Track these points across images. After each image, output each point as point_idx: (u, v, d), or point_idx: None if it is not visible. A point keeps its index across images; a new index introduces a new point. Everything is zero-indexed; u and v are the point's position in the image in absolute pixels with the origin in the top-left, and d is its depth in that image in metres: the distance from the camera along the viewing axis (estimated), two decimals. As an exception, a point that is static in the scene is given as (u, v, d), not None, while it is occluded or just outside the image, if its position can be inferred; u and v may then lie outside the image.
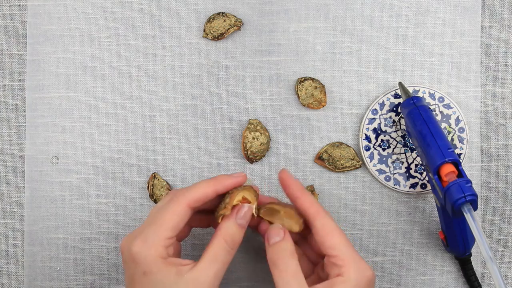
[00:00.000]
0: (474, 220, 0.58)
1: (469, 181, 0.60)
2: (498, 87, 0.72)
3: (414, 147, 0.69)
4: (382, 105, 0.70)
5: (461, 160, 0.70)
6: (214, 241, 0.58)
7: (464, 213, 0.59)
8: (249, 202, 0.60)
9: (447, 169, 0.61)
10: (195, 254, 0.71)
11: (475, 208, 0.60)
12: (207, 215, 0.63)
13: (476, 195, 0.59)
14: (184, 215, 0.58)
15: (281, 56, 0.72)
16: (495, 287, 0.69)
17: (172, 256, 0.58)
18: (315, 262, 0.63)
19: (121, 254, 0.59)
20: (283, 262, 0.57)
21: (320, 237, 0.58)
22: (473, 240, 0.66)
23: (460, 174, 0.61)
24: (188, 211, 0.58)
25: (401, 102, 0.69)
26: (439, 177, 0.61)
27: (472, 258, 0.70)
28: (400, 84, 0.68)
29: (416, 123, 0.64)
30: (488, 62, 0.72)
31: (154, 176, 0.70)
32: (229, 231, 0.58)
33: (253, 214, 0.60)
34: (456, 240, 0.65)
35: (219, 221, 0.59)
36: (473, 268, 0.69)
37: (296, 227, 0.61)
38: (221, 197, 0.61)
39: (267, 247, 0.59)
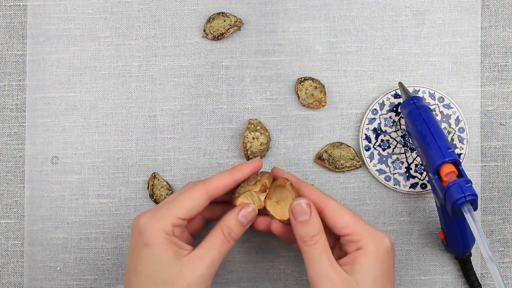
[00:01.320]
0: (474, 220, 0.58)
1: (469, 181, 0.60)
2: (498, 87, 0.72)
3: (414, 147, 0.69)
4: (382, 105, 0.70)
5: (461, 160, 0.70)
6: (213, 230, 0.60)
7: (464, 213, 0.59)
8: (267, 188, 0.63)
9: (447, 169, 0.61)
10: (195, 254, 0.71)
11: (475, 208, 0.60)
12: (223, 207, 0.65)
13: (476, 195, 0.59)
14: (200, 200, 0.60)
15: (281, 56, 0.72)
16: (495, 287, 0.69)
17: (179, 238, 0.60)
18: (332, 244, 0.64)
19: (131, 228, 0.61)
20: (312, 239, 0.59)
21: (330, 220, 0.60)
22: (473, 240, 0.66)
23: (460, 174, 0.61)
24: (204, 197, 0.60)
25: (401, 102, 0.69)
26: (439, 177, 0.61)
27: (472, 258, 0.70)
28: (400, 84, 0.68)
29: (416, 123, 0.64)
30: (488, 62, 0.72)
31: (154, 176, 0.70)
32: (228, 223, 0.60)
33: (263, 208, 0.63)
34: (456, 240, 0.65)
35: (235, 203, 0.62)
36: (473, 268, 0.69)
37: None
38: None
39: (294, 224, 0.60)
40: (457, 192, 0.59)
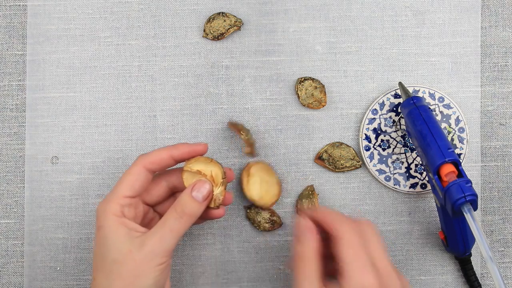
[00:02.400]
0: (474, 220, 0.58)
1: (469, 181, 0.60)
2: (498, 87, 0.72)
3: (414, 147, 0.69)
4: (382, 105, 0.70)
5: (461, 160, 0.70)
6: (168, 210, 0.60)
7: (464, 213, 0.59)
8: (214, 181, 0.61)
9: (447, 169, 0.61)
10: (195, 254, 0.71)
11: (475, 208, 0.60)
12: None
13: (476, 195, 0.59)
14: (139, 175, 0.61)
15: (281, 56, 0.72)
16: (495, 287, 0.69)
17: (133, 220, 0.61)
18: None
19: None
20: (302, 262, 0.58)
21: (334, 247, 0.58)
22: (473, 240, 0.66)
23: (460, 174, 0.61)
24: (143, 172, 0.61)
25: (401, 102, 0.69)
26: (439, 177, 0.61)
27: (472, 258, 0.70)
28: (400, 84, 0.68)
29: (416, 123, 0.64)
30: (488, 62, 0.72)
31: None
32: (181, 201, 0.60)
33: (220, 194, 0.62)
34: (456, 240, 0.65)
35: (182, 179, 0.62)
36: (473, 268, 0.69)
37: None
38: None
39: (295, 239, 0.59)
40: (457, 192, 0.59)
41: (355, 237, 0.57)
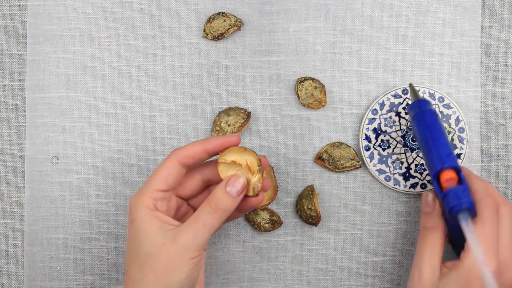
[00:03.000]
0: (469, 227, 0.58)
1: (466, 188, 0.60)
2: (498, 87, 0.72)
3: (418, 150, 0.69)
4: (382, 105, 0.70)
5: (461, 160, 0.70)
6: (201, 204, 0.60)
7: (459, 220, 0.59)
8: (250, 169, 0.61)
9: (447, 175, 0.60)
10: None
11: (474, 215, 0.60)
12: None
13: (472, 202, 0.59)
14: (173, 169, 0.60)
15: (281, 56, 0.72)
16: None
17: (166, 213, 0.61)
18: None
19: None
20: (426, 230, 0.62)
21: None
22: None
23: (461, 180, 0.61)
24: (177, 166, 0.61)
25: (413, 102, 0.68)
26: (439, 183, 0.61)
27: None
28: (411, 85, 0.68)
29: (420, 127, 0.64)
30: (488, 62, 0.72)
31: (154, 176, 0.70)
32: (215, 195, 0.60)
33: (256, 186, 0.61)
34: (459, 244, 0.65)
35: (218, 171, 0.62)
36: None
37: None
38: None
39: (422, 213, 0.63)
40: (454, 199, 0.59)
41: (489, 216, 0.59)
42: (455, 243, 0.66)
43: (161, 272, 0.58)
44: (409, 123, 0.68)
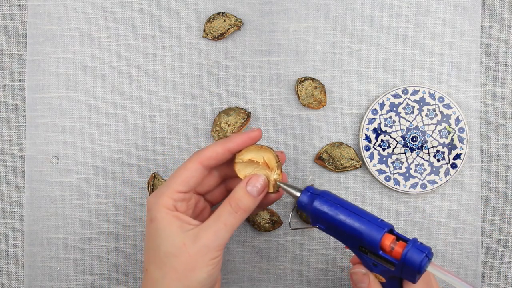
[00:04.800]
0: (442, 268, 0.56)
1: (415, 238, 0.56)
2: (498, 87, 0.72)
3: (341, 242, 0.60)
4: (382, 105, 0.70)
5: (461, 160, 0.70)
6: (222, 204, 0.60)
7: (431, 271, 0.56)
8: (268, 166, 0.61)
9: (389, 239, 0.56)
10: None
11: (431, 257, 0.56)
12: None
13: (429, 248, 0.56)
14: (195, 171, 0.60)
15: (281, 56, 0.72)
16: None
17: (186, 213, 0.60)
18: None
19: None
20: None
21: None
22: None
23: (398, 237, 0.56)
24: (200, 168, 0.60)
25: (296, 202, 0.60)
26: (384, 252, 0.56)
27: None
28: (281, 186, 0.60)
29: (330, 212, 0.57)
30: (488, 62, 0.72)
31: (154, 176, 0.70)
32: (236, 195, 0.59)
33: (274, 182, 0.60)
34: None
35: (235, 171, 0.61)
36: None
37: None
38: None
39: (353, 284, 0.61)
40: (417, 256, 0.54)
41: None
42: None
43: (182, 272, 0.57)
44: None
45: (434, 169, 0.70)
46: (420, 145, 0.70)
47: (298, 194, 0.59)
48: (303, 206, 0.59)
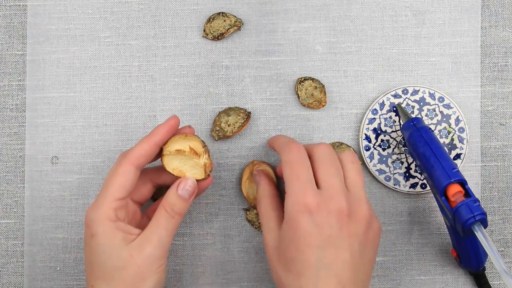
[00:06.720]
0: (486, 238, 0.59)
1: (477, 200, 0.60)
2: (498, 87, 0.72)
3: (417, 168, 0.69)
4: (382, 105, 0.70)
5: (461, 160, 0.70)
6: (157, 209, 0.61)
7: (475, 232, 0.60)
8: (196, 153, 0.62)
9: (454, 190, 0.61)
10: (195, 254, 0.71)
11: (485, 226, 0.60)
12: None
13: (485, 214, 0.60)
14: (129, 174, 0.60)
15: (281, 56, 0.72)
16: None
17: (125, 221, 0.60)
18: None
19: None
20: (257, 204, 0.64)
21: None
22: (486, 255, 0.66)
23: (467, 193, 0.61)
24: (132, 170, 0.60)
25: (401, 124, 0.69)
26: (447, 198, 0.62)
27: (486, 272, 0.70)
28: (399, 106, 0.69)
29: (418, 145, 0.64)
30: (488, 62, 0.72)
31: (154, 176, 0.70)
32: (169, 200, 0.60)
33: (203, 178, 0.62)
34: (469, 257, 0.65)
35: (163, 164, 0.62)
36: (488, 282, 0.69)
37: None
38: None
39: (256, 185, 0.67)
40: (466, 212, 0.60)
41: (294, 157, 0.59)
42: (463, 256, 0.66)
43: (132, 284, 0.58)
44: (404, 141, 0.68)
45: (434, 169, 0.70)
46: (420, 145, 0.70)
47: (408, 117, 0.67)
48: (409, 128, 0.66)
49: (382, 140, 0.70)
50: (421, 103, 0.70)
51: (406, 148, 0.70)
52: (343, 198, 0.57)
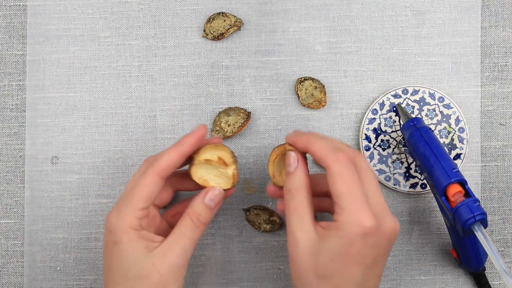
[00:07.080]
0: (486, 238, 0.59)
1: (477, 200, 0.61)
2: (498, 87, 0.72)
3: (417, 168, 0.69)
4: (382, 105, 0.70)
5: (461, 160, 0.70)
6: (182, 218, 0.60)
7: (475, 232, 0.60)
8: (225, 163, 0.61)
9: (454, 190, 0.61)
10: (195, 254, 0.71)
11: (485, 225, 0.60)
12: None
13: (485, 214, 0.60)
14: (155, 185, 0.59)
15: (281, 56, 0.72)
16: None
17: (147, 228, 0.60)
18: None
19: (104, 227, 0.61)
20: (290, 192, 0.58)
21: (328, 182, 0.57)
22: (486, 255, 0.66)
23: (467, 193, 0.61)
24: (159, 180, 0.59)
25: (401, 124, 0.69)
26: (447, 198, 0.62)
27: (486, 272, 0.70)
28: (399, 106, 0.69)
29: (419, 145, 0.64)
30: (488, 62, 0.72)
31: (154, 176, 0.70)
32: (196, 209, 0.60)
33: (230, 187, 0.62)
34: (469, 257, 0.66)
35: (191, 174, 0.61)
36: (488, 282, 0.69)
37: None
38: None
39: (285, 173, 0.60)
40: (466, 212, 0.60)
41: (346, 170, 0.56)
42: (463, 256, 0.66)
43: None
44: (404, 141, 0.68)
45: (434, 169, 0.70)
46: (420, 145, 0.70)
47: (408, 117, 0.67)
48: (409, 127, 0.66)
49: (382, 140, 0.70)
50: (421, 103, 0.70)
51: (406, 148, 0.70)
52: (391, 217, 0.57)
